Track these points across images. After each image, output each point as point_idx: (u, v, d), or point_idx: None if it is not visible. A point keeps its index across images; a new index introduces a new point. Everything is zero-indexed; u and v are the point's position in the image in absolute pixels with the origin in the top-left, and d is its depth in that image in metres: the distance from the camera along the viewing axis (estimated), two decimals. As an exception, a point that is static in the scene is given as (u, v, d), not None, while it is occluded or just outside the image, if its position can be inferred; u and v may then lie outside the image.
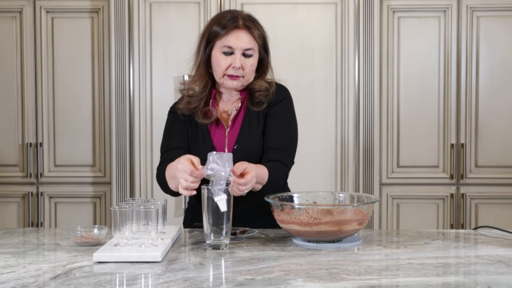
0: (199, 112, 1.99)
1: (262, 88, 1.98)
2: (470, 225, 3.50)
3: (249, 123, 1.98)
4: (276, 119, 1.98)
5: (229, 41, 1.91)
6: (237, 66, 1.91)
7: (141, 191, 3.40)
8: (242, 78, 1.95)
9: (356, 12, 3.37)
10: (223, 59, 1.93)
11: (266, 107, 1.99)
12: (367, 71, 3.37)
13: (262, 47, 1.98)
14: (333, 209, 1.67)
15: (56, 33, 3.55)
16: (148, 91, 3.40)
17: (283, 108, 2.00)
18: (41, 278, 1.36)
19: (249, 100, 1.99)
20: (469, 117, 3.50)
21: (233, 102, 2.03)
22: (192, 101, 1.99)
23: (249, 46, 1.92)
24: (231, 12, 1.99)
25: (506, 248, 1.65)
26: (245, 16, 1.96)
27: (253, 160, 1.90)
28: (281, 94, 2.02)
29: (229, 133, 1.98)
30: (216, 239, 1.64)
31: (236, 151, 1.94)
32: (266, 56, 2.00)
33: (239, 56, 1.92)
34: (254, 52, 1.94)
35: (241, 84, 1.96)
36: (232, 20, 1.93)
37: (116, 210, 1.61)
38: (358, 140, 3.39)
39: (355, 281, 1.33)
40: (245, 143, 1.95)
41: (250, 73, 1.96)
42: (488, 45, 3.49)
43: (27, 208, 3.58)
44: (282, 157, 1.94)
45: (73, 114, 3.56)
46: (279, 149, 1.94)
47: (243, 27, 1.93)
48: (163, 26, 3.39)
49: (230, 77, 1.94)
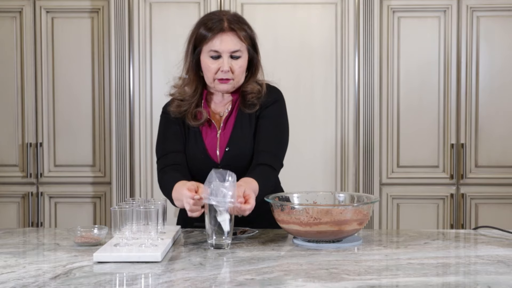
0: (189, 114, 1.98)
1: (254, 90, 1.97)
2: (470, 225, 3.50)
3: (241, 125, 1.98)
4: (267, 122, 1.97)
5: (215, 45, 1.90)
6: (225, 69, 1.91)
7: (141, 191, 3.40)
8: (232, 81, 1.94)
9: (356, 12, 3.37)
10: (211, 63, 1.92)
11: (258, 109, 1.98)
12: (367, 71, 3.37)
13: (251, 47, 1.96)
14: (333, 209, 1.67)
15: (56, 33, 3.55)
16: (148, 91, 3.40)
17: (275, 110, 1.99)
18: (41, 278, 1.36)
19: (242, 102, 1.98)
20: (469, 117, 3.50)
21: (225, 104, 2.02)
22: (182, 105, 1.99)
23: (235, 48, 1.91)
24: (217, 14, 1.97)
25: (506, 248, 1.65)
26: (231, 17, 1.94)
27: (244, 163, 1.90)
28: (273, 96, 2.01)
29: (220, 134, 1.98)
30: (218, 239, 1.64)
31: (228, 153, 1.95)
32: (255, 56, 1.98)
33: (226, 59, 1.91)
34: (242, 53, 1.93)
35: (232, 86, 1.96)
36: (218, 23, 1.91)
37: (116, 210, 1.61)
38: (358, 140, 3.39)
39: (355, 281, 1.33)
40: (236, 145, 1.95)
41: (240, 75, 1.95)
42: (488, 45, 3.49)
43: (27, 208, 3.58)
44: (271, 161, 1.94)
45: (73, 114, 3.56)
46: (269, 153, 1.94)
47: (228, 29, 1.91)
48: (163, 26, 3.39)
49: (220, 81, 1.93)
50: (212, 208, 1.64)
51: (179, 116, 2.00)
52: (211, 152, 1.97)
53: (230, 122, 1.99)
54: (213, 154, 1.97)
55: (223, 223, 1.62)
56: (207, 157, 1.96)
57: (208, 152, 1.97)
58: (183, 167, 1.96)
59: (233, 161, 1.94)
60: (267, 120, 1.97)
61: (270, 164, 1.93)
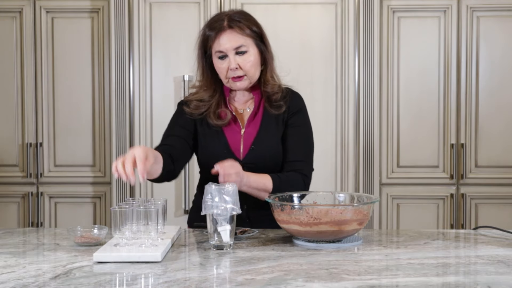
0: (211, 114, 1.98)
1: (275, 89, 2.00)
2: (470, 225, 3.50)
3: (267, 125, 1.99)
4: (296, 131, 2.01)
5: (219, 45, 1.92)
6: (232, 67, 1.91)
7: (141, 191, 3.40)
8: (246, 77, 1.94)
9: (356, 12, 3.37)
10: (220, 64, 1.93)
11: (285, 113, 2.00)
12: (367, 71, 3.37)
13: (258, 39, 1.96)
14: (333, 209, 1.67)
15: (56, 33, 3.55)
16: (148, 91, 3.40)
17: (302, 118, 2.04)
18: (41, 278, 1.36)
19: (267, 102, 2.00)
20: (469, 117, 3.50)
21: (246, 101, 2.03)
22: (201, 106, 1.99)
23: (238, 44, 1.91)
24: (219, 14, 1.97)
25: (506, 248, 1.65)
26: (231, 15, 1.94)
27: (269, 163, 1.91)
28: (299, 103, 2.05)
29: (244, 133, 1.98)
30: (219, 239, 1.64)
31: (252, 152, 1.95)
32: (264, 47, 1.98)
33: (232, 57, 1.91)
34: (247, 48, 1.93)
35: (249, 82, 1.96)
36: (218, 23, 1.92)
37: (116, 210, 1.61)
38: (358, 140, 3.39)
39: (355, 281, 1.33)
40: (262, 145, 1.96)
41: (252, 69, 1.95)
42: (488, 45, 3.49)
43: (27, 208, 3.58)
44: (303, 169, 1.99)
45: (73, 114, 3.56)
46: (300, 161, 1.99)
47: (227, 27, 1.91)
48: (163, 26, 3.39)
49: (233, 79, 1.94)
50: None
51: (198, 117, 1.99)
52: (234, 149, 1.97)
53: (256, 121, 2.00)
54: (236, 151, 1.97)
55: (223, 233, 1.62)
56: (229, 153, 1.96)
57: (231, 148, 1.97)
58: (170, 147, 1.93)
59: (256, 159, 1.94)
60: (295, 128, 2.01)
61: (302, 172, 1.98)
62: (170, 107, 3.40)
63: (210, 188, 1.63)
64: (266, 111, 2.00)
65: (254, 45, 1.95)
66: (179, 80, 3.39)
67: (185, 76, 3.35)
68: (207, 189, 1.63)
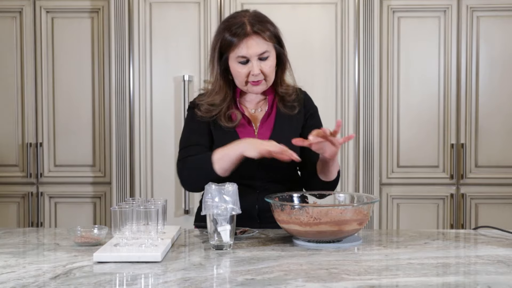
0: (222, 117, 1.97)
1: (289, 90, 2.02)
2: (470, 225, 3.50)
3: (281, 125, 1.99)
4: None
5: (242, 51, 1.89)
6: (256, 73, 1.90)
7: (141, 191, 3.40)
8: (264, 81, 1.94)
9: (356, 12, 3.37)
10: (241, 68, 1.92)
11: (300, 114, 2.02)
12: (367, 71, 3.37)
13: (277, 44, 1.96)
14: (333, 209, 1.67)
15: (56, 33, 3.55)
16: (148, 91, 3.40)
17: (318, 119, 2.09)
18: (41, 278, 1.36)
19: (281, 103, 2.01)
20: (469, 117, 3.50)
21: (258, 102, 2.03)
22: (213, 110, 1.98)
23: (262, 50, 1.90)
24: (238, 17, 1.93)
25: (506, 248, 1.65)
26: (252, 19, 1.91)
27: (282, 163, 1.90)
28: (313, 104, 2.10)
29: (258, 133, 1.98)
30: (219, 239, 1.64)
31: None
32: (282, 50, 1.98)
33: (255, 63, 1.90)
34: (269, 53, 1.92)
35: (266, 86, 1.97)
36: (241, 28, 1.89)
37: (116, 210, 1.61)
38: (358, 140, 3.39)
39: (355, 281, 1.33)
40: None
41: (271, 74, 1.96)
42: (488, 45, 3.49)
43: (27, 208, 3.58)
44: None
45: (73, 114, 3.56)
46: None
47: (252, 33, 1.89)
48: (163, 26, 3.39)
49: (252, 83, 1.94)
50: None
51: (209, 120, 1.99)
52: None
53: (269, 122, 2.00)
54: None
55: (223, 233, 1.62)
56: None
57: None
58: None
59: (271, 159, 1.93)
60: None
61: None
62: (170, 107, 3.40)
63: (210, 188, 1.63)
64: (279, 111, 2.01)
65: (273, 48, 1.95)
66: (179, 80, 3.39)
67: (185, 76, 3.35)
68: (207, 189, 1.63)
